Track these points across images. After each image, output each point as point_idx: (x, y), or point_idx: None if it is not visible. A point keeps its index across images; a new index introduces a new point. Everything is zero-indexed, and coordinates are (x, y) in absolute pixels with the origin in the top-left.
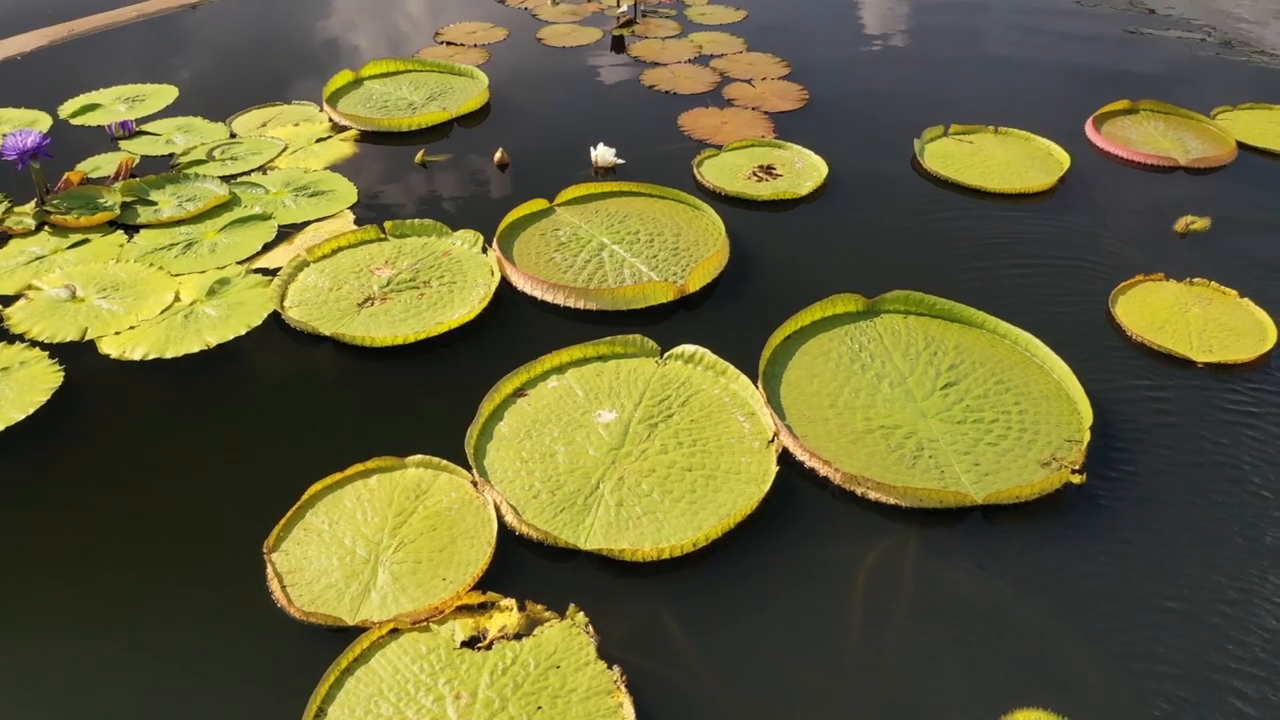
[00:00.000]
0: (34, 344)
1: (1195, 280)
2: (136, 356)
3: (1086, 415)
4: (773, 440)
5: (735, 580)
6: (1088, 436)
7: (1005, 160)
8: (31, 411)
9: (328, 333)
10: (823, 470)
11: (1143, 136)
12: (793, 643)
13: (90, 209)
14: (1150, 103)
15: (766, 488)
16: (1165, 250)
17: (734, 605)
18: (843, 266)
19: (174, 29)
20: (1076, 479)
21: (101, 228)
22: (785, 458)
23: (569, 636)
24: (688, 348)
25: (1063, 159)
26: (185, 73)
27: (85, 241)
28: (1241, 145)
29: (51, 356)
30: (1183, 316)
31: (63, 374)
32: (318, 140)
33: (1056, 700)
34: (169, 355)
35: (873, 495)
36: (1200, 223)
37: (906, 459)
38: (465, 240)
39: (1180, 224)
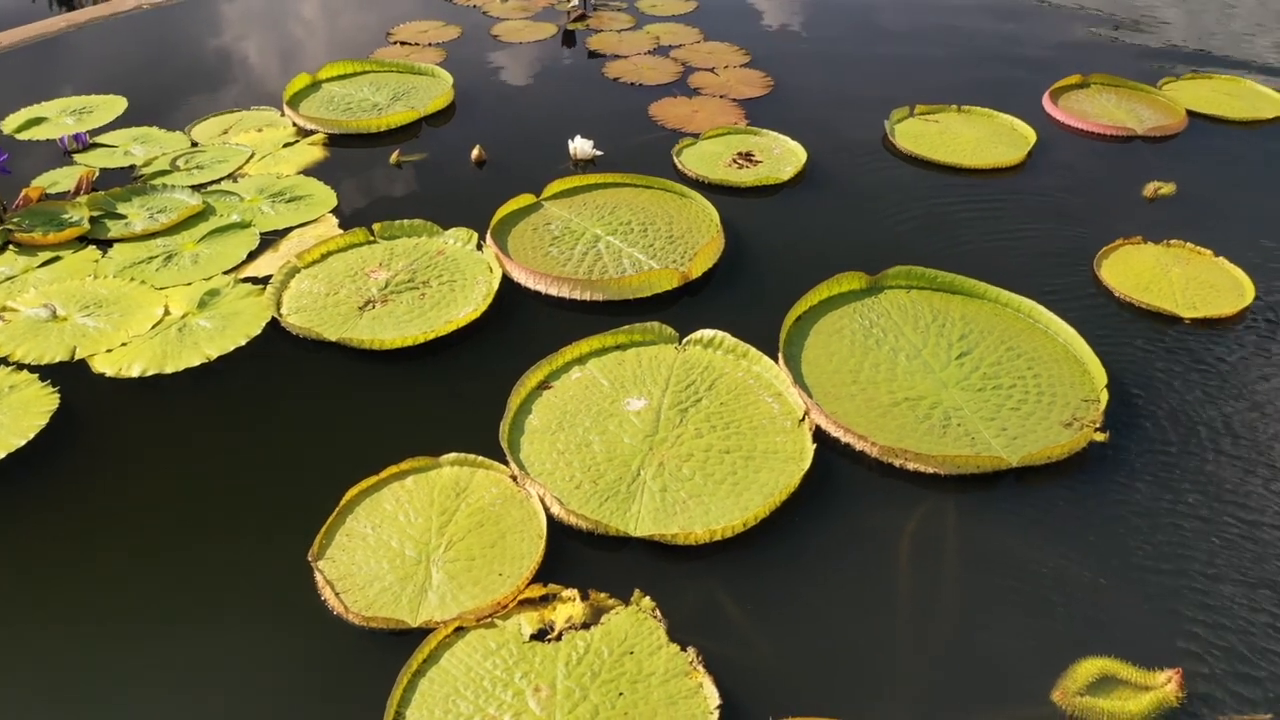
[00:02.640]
0: (20, 367)
1: (1171, 242)
2: (134, 373)
3: (1100, 375)
4: (804, 419)
5: (786, 556)
6: (1105, 395)
7: (974, 137)
8: (32, 436)
9: (333, 338)
10: (858, 445)
11: (1098, 109)
12: (851, 613)
13: (56, 225)
14: (1100, 76)
15: (807, 465)
16: (1138, 215)
17: (788, 581)
18: (834, 247)
19: (108, 38)
20: (1100, 436)
21: (71, 244)
22: (818, 434)
23: (637, 622)
24: (706, 332)
25: (1026, 133)
26: (130, 82)
27: (56, 259)
28: (1191, 113)
29: (42, 379)
30: (1165, 276)
31: (58, 396)
32: (285, 145)
33: (1111, 647)
34: (169, 370)
35: (911, 465)
36: (1167, 188)
37: (936, 428)
38: (458, 239)
39: (1148, 189)
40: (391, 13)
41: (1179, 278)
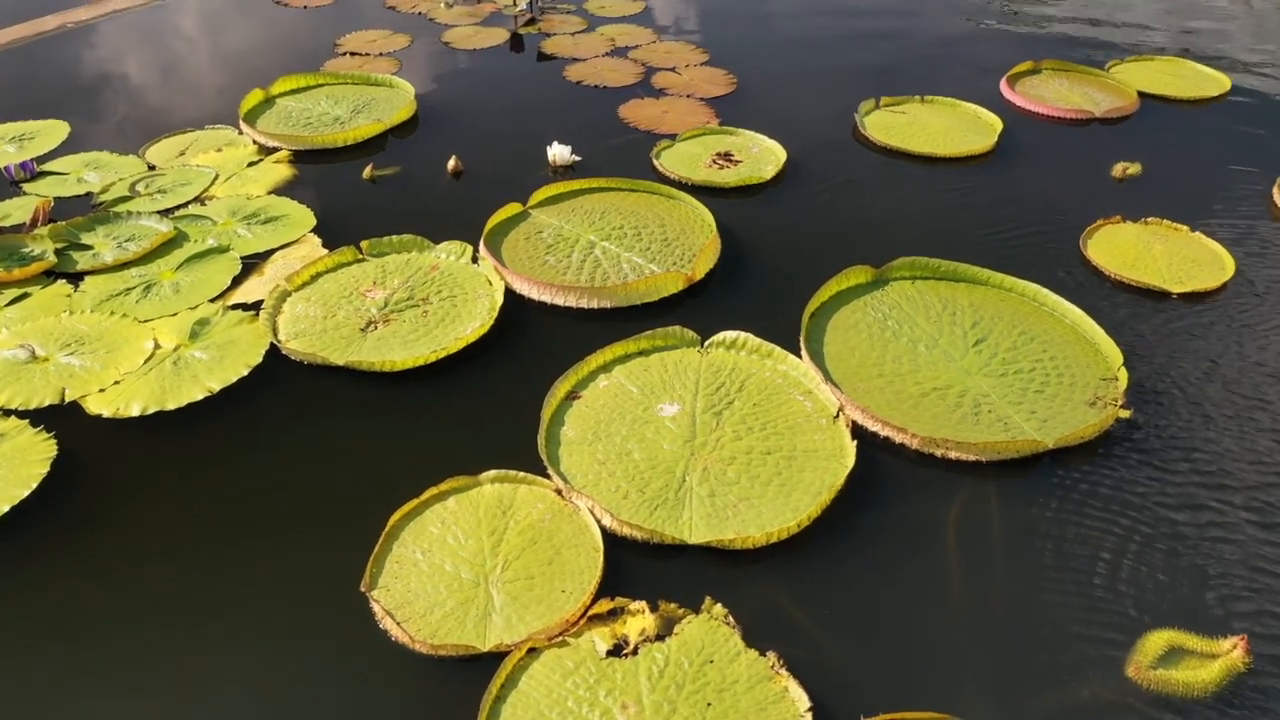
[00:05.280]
0: (7, 413)
1: (1149, 220)
2: (134, 412)
3: (1114, 354)
4: (838, 415)
5: (841, 553)
6: (1125, 374)
7: (942, 126)
8: (35, 486)
9: (340, 362)
10: (898, 437)
11: (1054, 94)
12: (914, 604)
13: (19, 260)
14: (1051, 62)
15: (850, 463)
16: (1111, 195)
17: (847, 577)
18: (826, 242)
19: (36, 60)
20: (1125, 413)
21: (38, 279)
22: (856, 430)
23: (710, 630)
24: (729, 334)
25: (991, 120)
26: (69, 105)
27: (24, 296)
28: (1142, 94)
29: (34, 424)
30: (1148, 253)
31: (55, 442)
32: (249, 164)
33: (1171, 618)
34: (170, 407)
35: (952, 455)
36: (1134, 167)
37: (969, 416)
38: (450, 252)
39: (1116, 170)
40: (336, 23)
41: (1162, 254)
